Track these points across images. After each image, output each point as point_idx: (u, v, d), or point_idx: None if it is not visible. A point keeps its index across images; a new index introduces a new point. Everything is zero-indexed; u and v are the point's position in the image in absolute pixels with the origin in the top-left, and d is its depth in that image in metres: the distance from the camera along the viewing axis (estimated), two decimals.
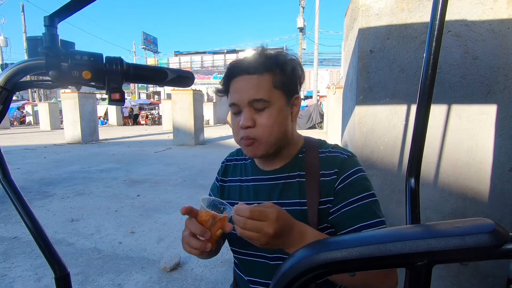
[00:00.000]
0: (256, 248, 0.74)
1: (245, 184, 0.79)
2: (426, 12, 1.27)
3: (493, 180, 1.28)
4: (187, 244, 0.62)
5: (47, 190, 4.72)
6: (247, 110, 0.67)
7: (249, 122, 0.67)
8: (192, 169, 6.30)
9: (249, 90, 0.66)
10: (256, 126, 0.67)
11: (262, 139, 0.68)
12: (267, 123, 0.67)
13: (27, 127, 20.86)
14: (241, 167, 0.83)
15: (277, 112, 0.68)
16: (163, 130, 16.66)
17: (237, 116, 0.70)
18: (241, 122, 0.67)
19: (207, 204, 0.62)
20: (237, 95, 0.68)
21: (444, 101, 1.28)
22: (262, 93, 0.66)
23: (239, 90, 0.68)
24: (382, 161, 1.37)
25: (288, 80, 0.69)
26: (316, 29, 20.76)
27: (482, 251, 0.23)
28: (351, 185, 0.67)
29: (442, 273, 1.37)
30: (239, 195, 0.79)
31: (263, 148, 0.69)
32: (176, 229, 3.17)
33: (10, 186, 0.48)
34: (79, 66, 0.44)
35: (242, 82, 0.68)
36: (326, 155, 0.72)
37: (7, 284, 2.21)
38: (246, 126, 0.67)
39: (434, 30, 0.64)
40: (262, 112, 0.67)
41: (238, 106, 0.68)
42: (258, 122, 0.67)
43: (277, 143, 0.70)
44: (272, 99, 0.67)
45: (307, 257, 0.27)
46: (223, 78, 0.72)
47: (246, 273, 0.77)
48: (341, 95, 4.37)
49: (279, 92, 0.68)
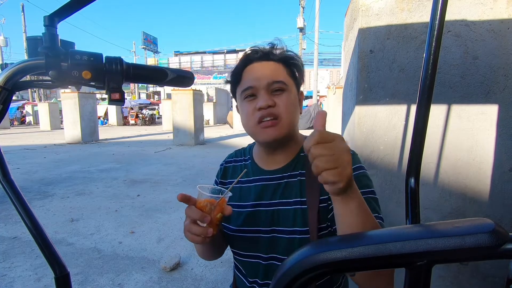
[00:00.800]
0: (257, 249, 0.74)
1: (246, 185, 0.78)
2: (426, 12, 1.27)
3: (493, 180, 1.28)
4: (189, 231, 0.62)
5: (47, 190, 4.72)
6: (265, 92, 0.68)
7: (270, 101, 0.68)
8: (192, 169, 6.30)
9: (268, 73, 0.69)
10: (276, 105, 0.68)
11: (284, 118, 0.68)
12: (286, 104, 0.69)
13: (27, 127, 20.86)
14: (241, 168, 0.82)
15: (293, 98, 0.71)
16: (163, 130, 16.66)
17: (251, 101, 0.70)
18: (260, 103, 0.68)
19: (204, 191, 0.63)
20: (255, 80, 0.69)
21: (444, 101, 1.28)
22: (281, 77, 0.69)
23: (257, 73, 0.69)
24: (382, 161, 1.37)
25: (299, 73, 0.74)
26: (316, 29, 20.76)
27: (482, 251, 0.23)
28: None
29: (442, 273, 1.37)
30: (239, 197, 0.78)
31: (286, 128, 0.69)
32: (176, 229, 3.17)
33: (10, 186, 0.48)
34: (79, 66, 0.44)
35: (260, 66, 0.70)
36: None
37: (7, 284, 2.21)
38: (268, 105, 0.67)
39: (434, 30, 0.64)
40: (280, 94, 0.69)
41: (254, 89, 0.69)
42: (278, 102, 0.68)
43: (292, 127, 0.72)
44: (288, 85, 0.70)
45: (307, 257, 0.27)
46: (236, 68, 0.73)
47: (248, 275, 0.77)
48: (341, 95, 4.37)
49: (292, 81, 0.72)
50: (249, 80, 0.70)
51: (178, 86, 0.55)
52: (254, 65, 0.70)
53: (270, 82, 0.68)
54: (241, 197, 0.78)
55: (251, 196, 0.76)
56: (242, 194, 0.78)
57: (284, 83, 0.69)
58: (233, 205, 0.72)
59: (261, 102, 0.67)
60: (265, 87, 0.68)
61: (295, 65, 0.73)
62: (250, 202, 0.75)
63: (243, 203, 0.76)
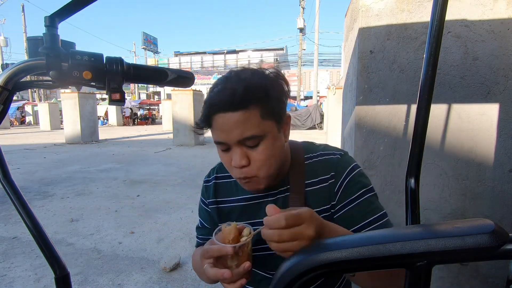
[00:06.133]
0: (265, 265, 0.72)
1: (248, 203, 0.74)
2: (426, 13, 1.27)
3: (493, 180, 1.28)
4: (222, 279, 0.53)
5: (47, 190, 4.72)
6: (238, 149, 0.60)
7: (243, 161, 0.60)
8: (192, 169, 6.30)
9: (236, 129, 0.57)
10: (251, 164, 0.61)
11: (261, 175, 0.62)
12: (263, 158, 0.60)
13: (27, 127, 20.86)
14: (234, 185, 0.76)
15: (272, 143, 0.61)
16: (163, 130, 16.67)
17: (226, 152, 0.62)
18: (233, 162, 0.60)
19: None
20: (224, 134, 0.59)
21: (444, 102, 1.28)
22: (253, 130, 0.58)
23: (225, 128, 0.58)
24: (382, 161, 1.37)
25: (276, 107, 0.61)
26: (316, 30, 20.78)
27: (482, 251, 0.23)
28: (350, 182, 0.66)
29: (442, 274, 1.37)
30: (238, 215, 0.74)
31: (265, 182, 0.64)
32: (176, 229, 3.17)
33: (10, 186, 0.48)
34: (80, 66, 0.44)
35: (225, 119, 0.58)
36: (319, 159, 0.70)
37: (7, 284, 2.21)
38: (241, 166, 0.60)
39: (434, 31, 0.64)
40: (256, 148, 0.60)
41: (226, 144, 0.61)
42: (253, 159, 0.60)
43: (277, 172, 0.65)
44: (264, 132, 0.60)
45: (307, 258, 0.27)
46: (203, 113, 0.61)
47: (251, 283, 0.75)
48: (341, 95, 4.37)
49: (269, 122, 0.60)
50: (218, 135, 0.60)
51: (179, 87, 0.55)
52: (220, 116, 0.58)
53: (241, 140, 0.59)
54: (242, 216, 0.74)
55: (254, 214, 0.73)
56: (244, 212, 0.74)
57: (256, 136, 0.59)
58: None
59: (234, 161, 0.60)
60: (236, 143, 0.59)
61: (271, 98, 0.60)
62: (255, 220, 0.72)
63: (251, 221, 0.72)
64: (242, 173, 0.61)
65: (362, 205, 0.64)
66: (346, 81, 1.95)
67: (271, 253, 0.68)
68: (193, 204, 3.90)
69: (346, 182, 0.66)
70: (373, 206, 0.65)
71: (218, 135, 0.60)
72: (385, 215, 0.64)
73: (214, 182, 0.78)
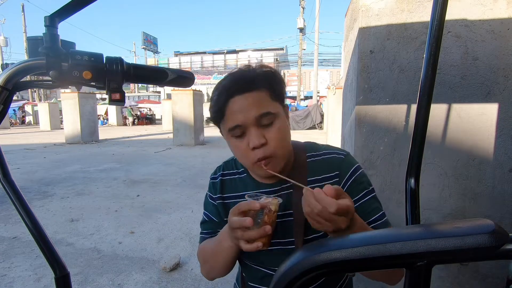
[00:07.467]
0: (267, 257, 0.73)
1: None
2: (426, 13, 1.27)
3: (493, 180, 1.28)
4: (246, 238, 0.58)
5: (47, 190, 4.72)
6: (255, 128, 0.63)
7: (263, 139, 0.63)
8: (192, 169, 6.30)
9: (253, 107, 0.62)
10: (268, 142, 0.63)
11: (278, 154, 0.64)
12: (278, 136, 0.64)
13: (27, 127, 20.86)
14: (239, 181, 0.77)
15: (283, 123, 0.66)
16: (163, 130, 16.66)
17: (241, 139, 0.65)
18: (252, 142, 0.62)
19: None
20: (241, 115, 0.62)
21: (444, 102, 1.28)
22: (268, 107, 0.63)
23: (241, 109, 0.62)
24: (382, 161, 1.37)
25: (282, 90, 0.67)
26: (316, 30, 20.78)
27: (482, 251, 0.23)
28: (354, 182, 0.68)
29: (442, 274, 1.37)
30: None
31: (282, 163, 0.66)
32: (176, 229, 3.16)
33: (10, 186, 0.48)
34: (80, 66, 0.44)
35: (241, 101, 0.62)
36: (322, 158, 0.71)
37: (7, 284, 2.21)
38: (261, 143, 0.62)
39: (434, 31, 0.64)
40: (270, 127, 0.64)
41: (242, 127, 0.63)
42: (270, 137, 0.63)
43: (288, 154, 0.68)
44: (276, 110, 0.65)
45: (307, 258, 0.27)
46: (216, 103, 0.65)
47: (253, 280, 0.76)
48: (341, 95, 4.37)
49: (278, 104, 0.66)
50: (234, 118, 0.63)
51: (179, 86, 0.55)
52: (235, 99, 0.62)
53: (257, 116, 0.62)
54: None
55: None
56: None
57: (271, 113, 0.63)
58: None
59: (253, 141, 0.62)
60: (254, 122, 0.62)
61: (277, 82, 0.66)
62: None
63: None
64: (260, 153, 0.63)
65: (364, 205, 0.67)
66: (346, 81, 1.95)
67: (274, 249, 0.69)
68: (193, 204, 3.90)
69: (350, 182, 0.68)
70: (374, 206, 0.67)
71: (235, 119, 0.63)
72: (385, 215, 0.68)
73: (221, 178, 0.80)
